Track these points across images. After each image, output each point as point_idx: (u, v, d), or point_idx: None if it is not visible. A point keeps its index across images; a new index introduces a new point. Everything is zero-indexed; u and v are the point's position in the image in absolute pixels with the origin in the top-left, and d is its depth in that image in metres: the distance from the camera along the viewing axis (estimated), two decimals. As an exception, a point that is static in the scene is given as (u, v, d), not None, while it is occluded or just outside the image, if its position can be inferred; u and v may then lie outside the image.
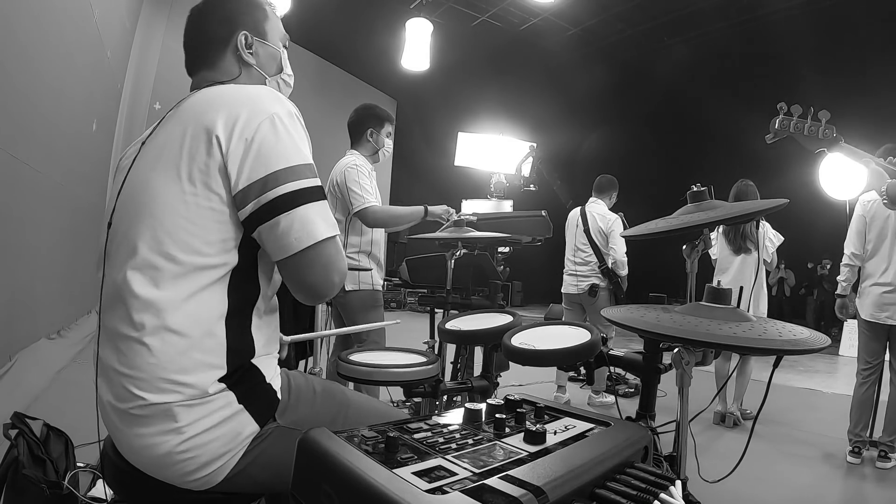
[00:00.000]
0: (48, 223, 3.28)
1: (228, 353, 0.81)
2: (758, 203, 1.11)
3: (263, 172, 0.79)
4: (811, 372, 5.52)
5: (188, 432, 0.78)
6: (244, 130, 0.80)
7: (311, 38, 8.28)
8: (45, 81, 2.90)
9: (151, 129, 0.94)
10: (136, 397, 0.77)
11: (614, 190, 3.79)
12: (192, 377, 0.78)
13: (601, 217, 3.62)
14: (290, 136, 0.83)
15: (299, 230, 0.80)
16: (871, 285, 2.67)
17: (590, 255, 3.61)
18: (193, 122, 0.82)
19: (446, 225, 2.28)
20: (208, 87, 0.91)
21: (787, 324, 0.89)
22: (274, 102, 0.84)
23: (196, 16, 0.99)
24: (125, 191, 0.89)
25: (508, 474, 0.60)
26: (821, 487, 2.40)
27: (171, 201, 0.80)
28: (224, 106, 0.82)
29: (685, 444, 1.01)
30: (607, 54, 9.48)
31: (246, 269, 0.84)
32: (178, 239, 0.79)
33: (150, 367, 0.77)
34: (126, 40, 5.60)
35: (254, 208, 0.79)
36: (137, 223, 0.81)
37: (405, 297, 9.84)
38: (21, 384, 2.53)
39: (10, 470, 1.33)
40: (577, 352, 0.99)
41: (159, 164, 0.83)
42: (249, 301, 0.86)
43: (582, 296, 3.62)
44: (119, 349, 0.80)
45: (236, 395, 0.82)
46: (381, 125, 2.41)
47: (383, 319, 2.44)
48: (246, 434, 0.83)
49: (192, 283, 0.79)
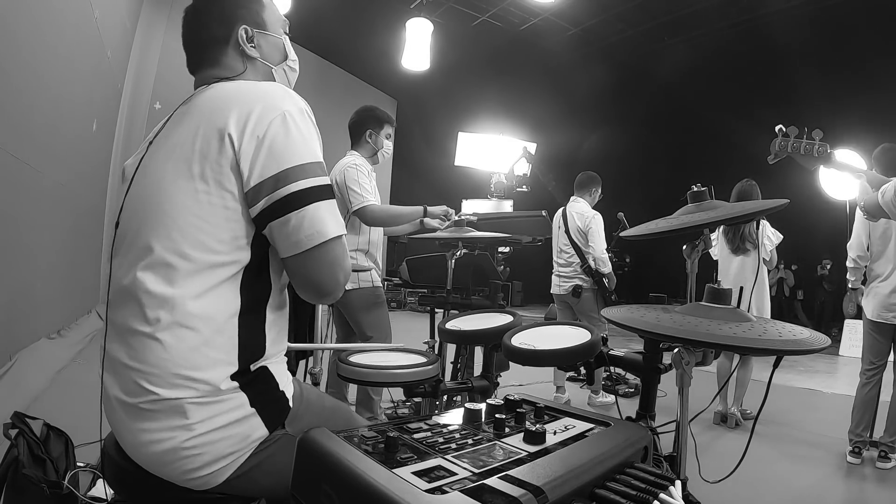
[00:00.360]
0: (48, 223, 3.28)
1: (240, 349, 0.82)
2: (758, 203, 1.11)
3: (275, 169, 0.80)
4: (811, 372, 5.52)
5: (197, 430, 0.78)
6: (256, 128, 0.80)
7: (311, 38, 8.27)
8: (44, 81, 2.90)
9: (159, 127, 0.94)
10: (147, 392, 0.78)
11: (595, 186, 3.71)
12: (204, 373, 0.78)
13: (579, 216, 3.58)
14: (301, 134, 0.83)
15: (309, 228, 0.80)
16: (877, 286, 2.66)
17: (572, 256, 3.58)
18: (205, 120, 0.83)
19: (446, 225, 2.28)
20: (217, 84, 0.90)
21: (787, 324, 0.89)
22: (285, 99, 0.84)
23: (192, 15, 0.98)
24: (134, 190, 0.88)
25: (508, 474, 0.60)
26: (821, 488, 2.39)
27: (184, 199, 0.80)
28: (235, 104, 0.82)
29: (685, 444, 1.01)
30: (607, 54, 9.47)
31: (258, 267, 0.85)
32: (190, 237, 0.79)
33: (163, 363, 0.77)
34: (126, 40, 5.60)
35: (265, 205, 0.80)
36: (149, 221, 0.82)
37: (405, 297, 9.84)
38: (21, 384, 2.53)
39: (10, 469, 1.33)
40: (577, 352, 0.99)
41: (170, 162, 0.83)
42: (261, 298, 0.86)
43: (567, 296, 3.61)
44: (130, 344, 0.80)
45: (249, 398, 0.82)
46: (381, 127, 2.43)
47: (387, 317, 2.44)
48: (254, 438, 0.83)
49: (205, 281, 0.79)
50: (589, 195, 3.69)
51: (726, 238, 3.29)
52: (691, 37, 8.61)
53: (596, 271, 3.51)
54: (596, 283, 3.53)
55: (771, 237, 3.25)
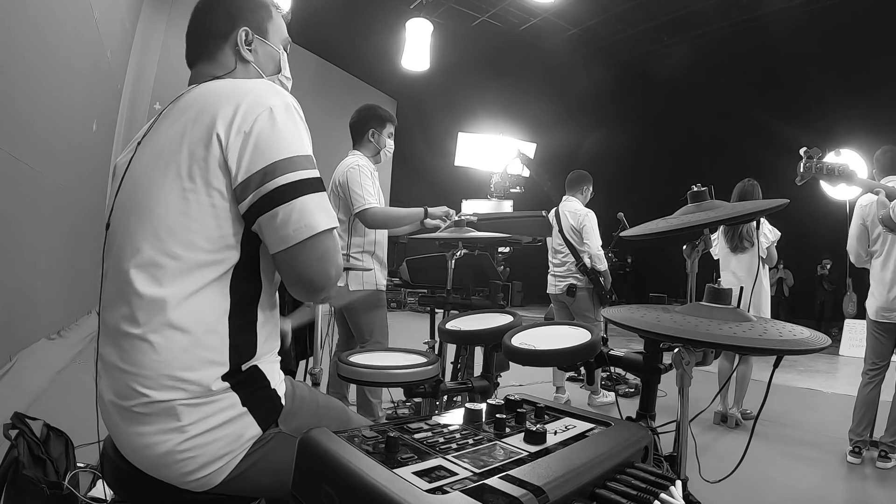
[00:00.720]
0: (48, 223, 3.28)
1: (231, 349, 0.81)
2: (758, 203, 1.10)
3: (262, 164, 0.79)
4: (811, 372, 5.52)
5: (190, 431, 0.78)
6: (242, 124, 0.80)
7: (311, 38, 8.28)
8: (44, 82, 2.90)
9: (147, 127, 0.94)
10: (139, 395, 0.77)
11: (587, 184, 3.71)
12: (195, 374, 0.78)
13: (572, 214, 3.57)
14: (288, 128, 0.83)
15: (297, 221, 0.80)
16: (878, 286, 2.66)
17: (566, 256, 3.57)
18: (192, 118, 0.82)
19: (447, 225, 2.28)
20: (205, 83, 0.91)
21: (788, 324, 0.89)
22: (272, 95, 0.84)
23: (201, 8, 1.00)
24: (124, 190, 0.89)
25: (509, 474, 0.60)
26: (821, 487, 2.39)
27: (172, 199, 0.80)
28: (222, 101, 0.82)
29: (685, 444, 1.01)
30: (607, 54, 9.48)
31: (248, 266, 0.84)
32: (179, 236, 0.79)
33: (154, 364, 0.77)
34: (126, 40, 5.60)
35: (253, 200, 0.79)
36: (138, 222, 0.81)
37: (405, 297, 9.84)
38: (21, 384, 2.53)
39: (11, 470, 1.33)
40: (577, 352, 0.99)
41: (159, 162, 0.83)
42: (251, 297, 0.86)
43: (562, 296, 3.60)
44: (122, 347, 0.80)
45: (240, 398, 0.82)
46: (383, 125, 2.41)
47: (386, 319, 2.44)
48: (248, 437, 0.83)
49: (194, 280, 0.79)
50: (581, 193, 3.69)
51: (726, 237, 3.30)
52: (691, 37, 8.61)
53: (592, 269, 3.49)
54: (591, 281, 3.51)
55: (767, 234, 3.25)
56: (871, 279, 2.74)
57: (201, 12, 1.00)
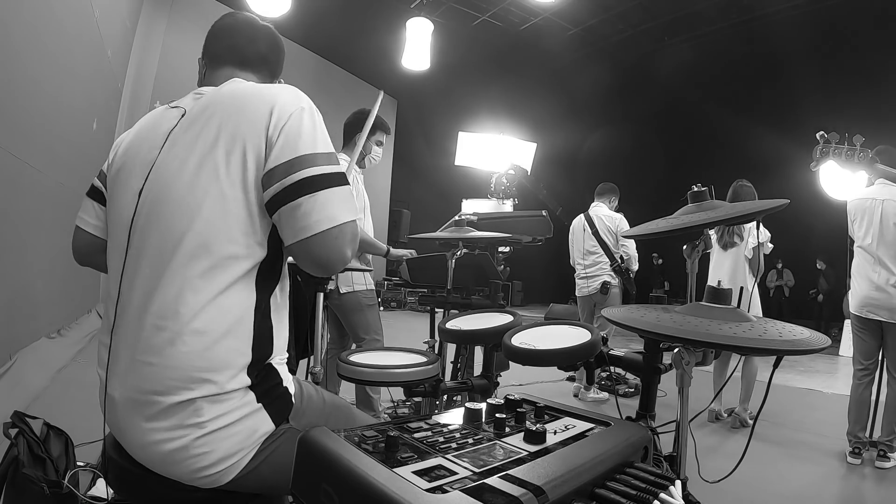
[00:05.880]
0: (49, 223, 3.28)
1: (254, 344, 0.83)
2: (759, 203, 1.10)
3: (290, 156, 0.82)
4: (811, 372, 5.52)
5: (209, 427, 0.78)
6: (278, 122, 0.83)
7: (311, 38, 8.28)
8: (45, 81, 2.90)
9: (173, 124, 0.90)
10: (163, 390, 0.78)
11: (614, 195, 3.97)
12: (220, 371, 0.79)
13: (608, 217, 3.79)
14: (316, 127, 0.87)
15: (320, 212, 0.81)
16: (859, 281, 2.67)
17: (600, 256, 3.73)
18: (228, 119, 0.84)
19: (447, 225, 2.28)
20: (234, 82, 0.94)
21: (787, 324, 0.89)
22: (302, 98, 0.89)
23: (261, 28, 1.06)
24: (152, 187, 0.86)
25: (508, 474, 0.60)
26: (821, 487, 2.40)
27: (208, 197, 0.81)
28: (257, 102, 0.85)
29: (685, 444, 1.01)
30: (608, 54, 9.48)
31: (272, 262, 0.86)
32: (213, 233, 0.80)
33: (184, 358, 0.78)
34: (127, 40, 5.60)
35: (278, 189, 0.81)
36: (171, 219, 0.82)
37: (405, 296, 9.84)
38: (21, 383, 2.53)
39: (10, 469, 1.33)
40: (577, 352, 0.99)
41: (192, 158, 0.83)
42: (271, 295, 0.87)
43: (595, 295, 3.74)
44: (147, 342, 0.80)
45: (256, 395, 0.83)
46: (372, 132, 2.40)
47: (378, 316, 2.46)
48: (261, 433, 0.84)
49: (225, 277, 0.80)
50: (609, 202, 3.93)
51: (717, 234, 3.32)
52: (692, 37, 8.62)
53: (626, 270, 3.65)
54: (624, 281, 3.67)
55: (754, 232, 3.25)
56: (853, 273, 2.74)
57: (260, 31, 1.06)
